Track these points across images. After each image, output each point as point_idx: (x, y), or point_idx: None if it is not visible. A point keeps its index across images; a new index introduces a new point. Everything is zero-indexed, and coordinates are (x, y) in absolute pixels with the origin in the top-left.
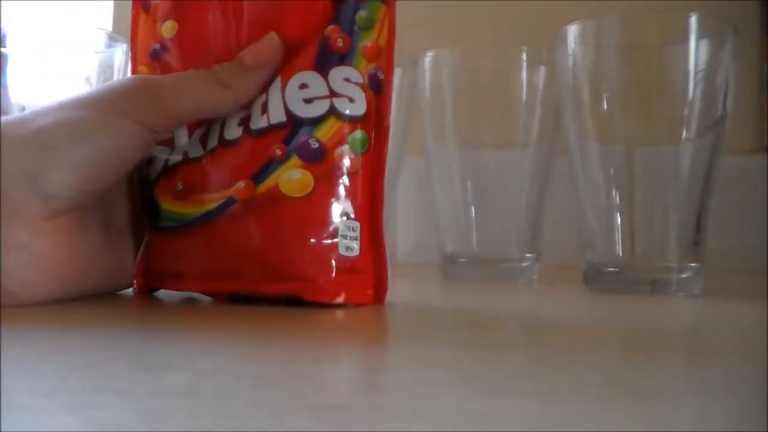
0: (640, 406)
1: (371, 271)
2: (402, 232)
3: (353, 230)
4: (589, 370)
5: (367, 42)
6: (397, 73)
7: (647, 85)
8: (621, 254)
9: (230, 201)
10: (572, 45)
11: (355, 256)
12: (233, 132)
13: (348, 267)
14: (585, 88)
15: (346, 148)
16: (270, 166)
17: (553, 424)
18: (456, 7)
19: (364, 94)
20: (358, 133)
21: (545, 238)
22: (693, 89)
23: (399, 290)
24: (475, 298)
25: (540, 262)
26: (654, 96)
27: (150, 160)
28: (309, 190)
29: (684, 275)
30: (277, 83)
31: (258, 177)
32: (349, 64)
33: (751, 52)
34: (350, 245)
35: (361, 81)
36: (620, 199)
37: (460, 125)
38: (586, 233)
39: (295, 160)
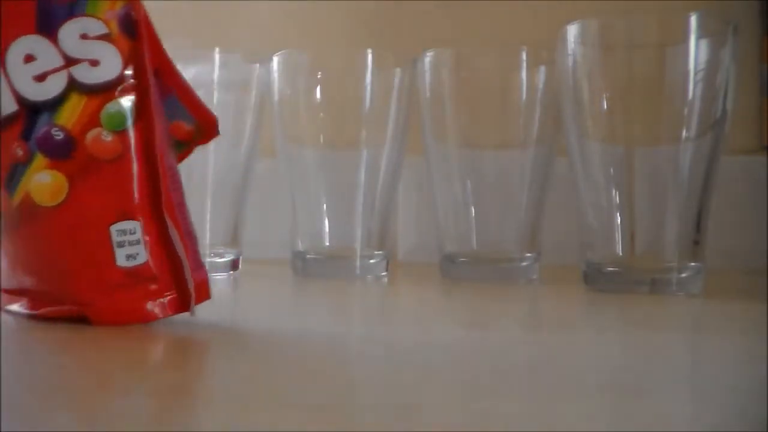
0: (640, 406)
1: (167, 274)
2: (402, 231)
3: (132, 233)
4: (589, 370)
5: None
6: (397, 73)
7: (647, 85)
8: (621, 254)
9: None
10: (572, 45)
11: (142, 264)
12: None
13: (133, 280)
14: (585, 88)
15: (99, 131)
16: (17, 170)
17: (553, 424)
18: (455, 7)
19: (115, 48)
20: (114, 106)
21: (545, 238)
22: (693, 89)
23: (399, 290)
24: (475, 298)
25: (540, 262)
26: (654, 96)
27: None
28: (63, 195)
29: (684, 275)
30: None
31: (9, 185)
32: (82, 14)
33: (751, 52)
34: (132, 252)
35: (105, 31)
36: (620, 199)
37: (460, 125)
38: (586, 233)
39: (39, 159)
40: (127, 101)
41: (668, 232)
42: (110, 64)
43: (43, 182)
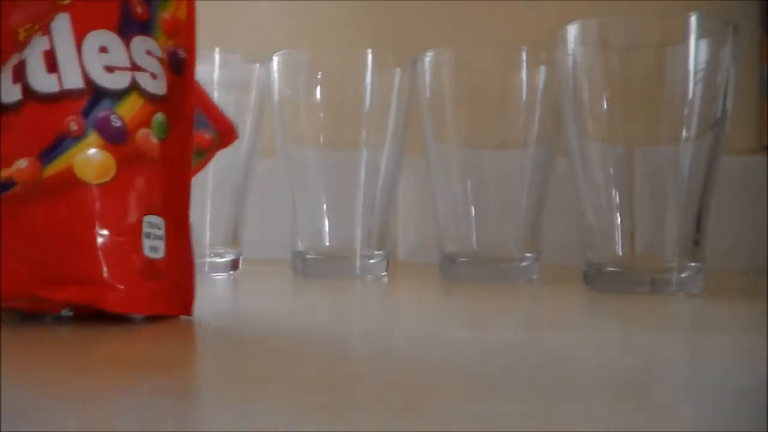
0: (640, 406)
1: (177, 276)
2: (402, 231)
3: (158, 228)
4: (590, 369)
5: (165, 14)
6: (397, 73)
7: (647, 85)
8: (621, 254)
9: (8, 184)
10: (572, 45)
11: (160, 259)
12: (10, 92)
13: (152, 271)
14: (585, 88)
15: (149, 131)
16: (63, 142)
17: (553, 424)
18: (455, 7)
19: (164, 72)
20: (160, 117)
21: (545, 238)
22: (693, 89)
23: (399, 290)
24: (474, 298)
25: (540, 262)
26: (654, 96)
27: None
28: (111, 175)
29: (684, 275)
30: (66, 31)
31: (46, 155)
32: (150, 36)
33: (751, 52)
34: (155, 245)
35: (161, 56)
36: (620, 199)
37: (460, 125)
38: (586, 233)
39: (94, 137)
40: (165, 117)
41: (668, 232)
42: (161, 83)
43: (95, 159)
